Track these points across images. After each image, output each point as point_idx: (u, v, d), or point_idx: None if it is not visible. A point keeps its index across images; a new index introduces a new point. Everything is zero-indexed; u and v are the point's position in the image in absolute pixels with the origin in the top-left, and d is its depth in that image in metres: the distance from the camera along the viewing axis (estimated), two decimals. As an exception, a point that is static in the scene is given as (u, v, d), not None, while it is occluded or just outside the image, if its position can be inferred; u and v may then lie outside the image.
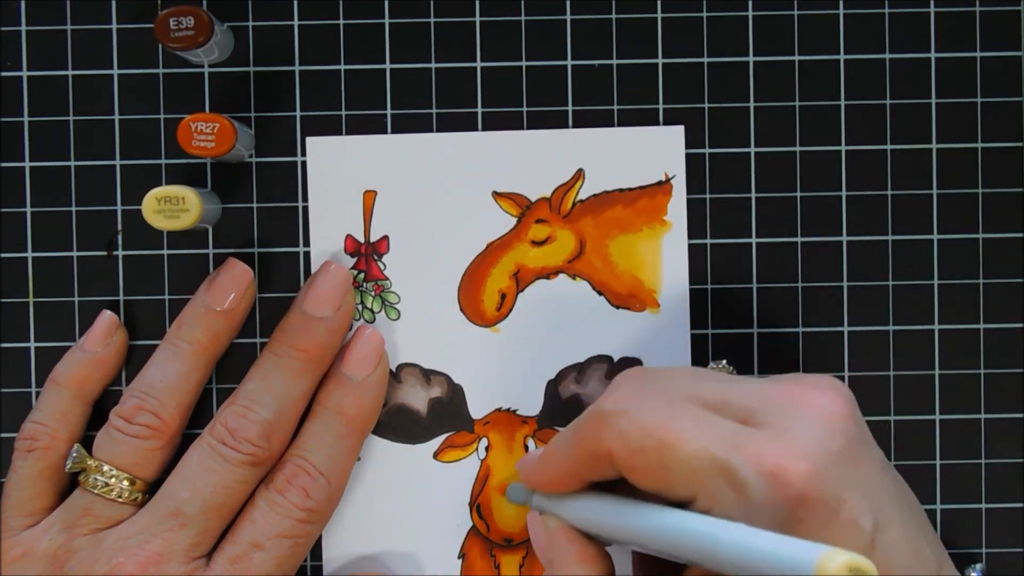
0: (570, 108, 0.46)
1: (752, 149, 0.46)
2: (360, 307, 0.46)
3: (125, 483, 0.42)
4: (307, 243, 0.46)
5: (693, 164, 0.46)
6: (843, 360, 0.46)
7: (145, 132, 0.46)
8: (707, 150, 0.46)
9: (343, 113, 0.46)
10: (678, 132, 0.46)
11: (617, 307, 0.46)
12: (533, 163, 0.46)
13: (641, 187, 0.46)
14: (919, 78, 0.46)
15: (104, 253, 0.46)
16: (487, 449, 0.46)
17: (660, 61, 0.46)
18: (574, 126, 0.46)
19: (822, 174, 0.46)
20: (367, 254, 0.46)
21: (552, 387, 0.46)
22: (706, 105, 0.46)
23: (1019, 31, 0.46)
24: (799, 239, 0.46)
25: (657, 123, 0.46)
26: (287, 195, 0.46)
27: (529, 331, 0.46)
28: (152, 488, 0.43)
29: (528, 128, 0.46)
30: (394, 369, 0.46)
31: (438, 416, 0.46)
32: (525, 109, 0.46)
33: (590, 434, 0.37)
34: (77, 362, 0.44)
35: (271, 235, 0.46)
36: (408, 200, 0.46)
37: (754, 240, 0.46)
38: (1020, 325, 0.46)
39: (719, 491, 0.34)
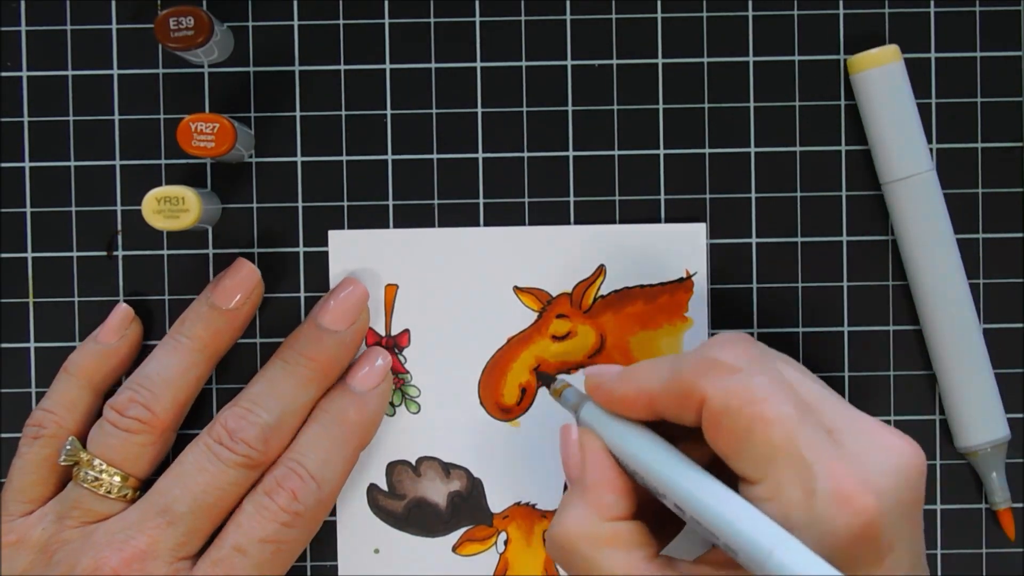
0: (570, 108, 0.46)
1: (752, 149, 0.46)
2: None
3: (116, 479, 0.42)
4: (307, 244, 0.46)
5: (692, 163, 0.46)
6: (843, 360, 0.46)
7: (145, 132, 0.46)
8: (707, 150, 0.46)
9: (343, 113, 0.46)
10: (699, 230, 0.46)
11: None
12: (554, 259, 0.46)
13: (662, 284, 0.46)
14: (920, 78, 0.46)
15: (104, 253, 0.46)
16: (506, 543, 0.46)
17: (660, 61, 0.46)
18: (574, 131, 0.46)
19: (822, 174, 0.46)
20: (388, 347, 0.46)
21: None
22: (706, 105, 0.46)
23: (1019, 31, 0.46)
24: (799, 239, 0.46)
25: (656, 123, 0.46)
26: (287, 195, 0.46)
27: (549, 425, 0.46)
28: (146, 485, 0.43)
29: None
30: (414, 462, 0.46)
31: (457, 510, 0.46)
32: (525, 109, 0.46)
33: (693, 373, 0.36)
34: (89, 353, 0.44)
35: (271, 235, 0.46)
36: (429, 294, 0.46)
37: (754, 240, 0.46)
38: (1020, 325, 0.46)
39: (788, 487, 0.34)
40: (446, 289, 0.46)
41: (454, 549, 0.46)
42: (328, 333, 0.43)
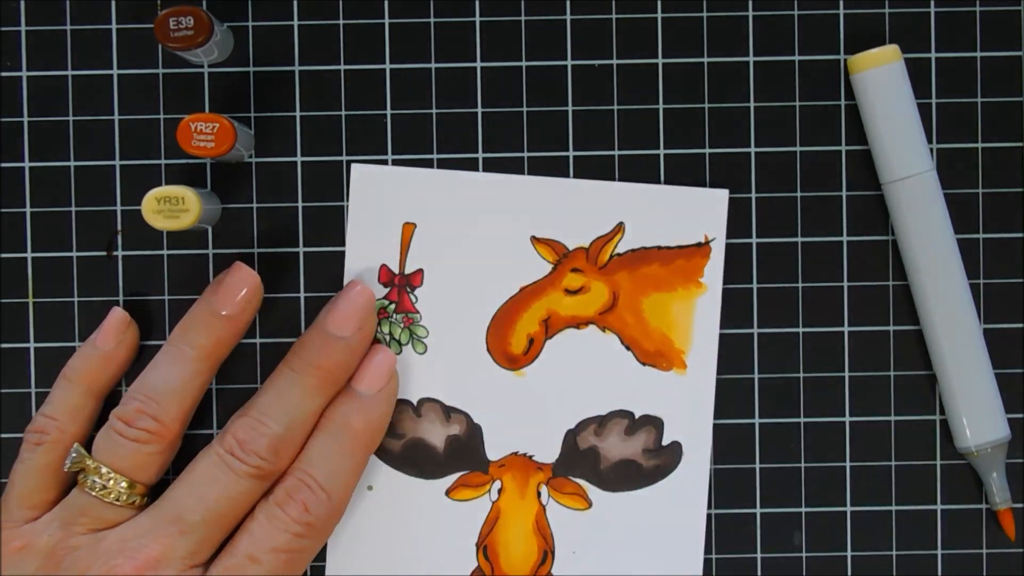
0: (570, 108, 0.46)
1: (752, 149, 0.46)
2: (388, 337, 0.46)
3: (124, 485, 0.42)
4: (307, 244, 0.46)
5: (692, 162, 0.46)
6: (843, 360, 0.46)
7: (145, 132, 0.46)
8: (707, 150, 0.46)
9: (343, 113, 0.46)
10: (722, 196, 0.45)
11: (644, 364, 0.46)
12: (575, 212, 0.46)
13: (680, 247, 0.46)
14: (920, 78, 0.46)
15: (104, 253, 0.46)
16: (500, 492, 0.46)
17: (660, 61, 0.46)
18: (574, 131, 0.46)
19: (822, 174, 0.46)
20: (400, 285, 0.46)
21: (571, 436, 0.46)
22: (706, 105, 0.46)
23: (1019, 31, 0.46)
24: (799, 239, 0.46)
25: (657, 122, 0.46)
26: (287, 195, 0.46)
27: (553, 378, 0.46)
28: (152, 491, 0.43)
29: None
30: (415, 403, 0.46)
31: (454, 454, 0.46)
32: (525, 109, 0.46)
33: None
34: (88, 358, 0.44)
35: (271, 235, 0.46)
36: (446, 236, 0.46)
37: (754, 240, 0.46)
38: (1020, 325, 0.46)
39: None
40: (464, 233, 0.46)
41: (447, 493, 0.46)
42: (335, 339, 0.43)
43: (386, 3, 0.46)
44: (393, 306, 0.46)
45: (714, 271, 0.45)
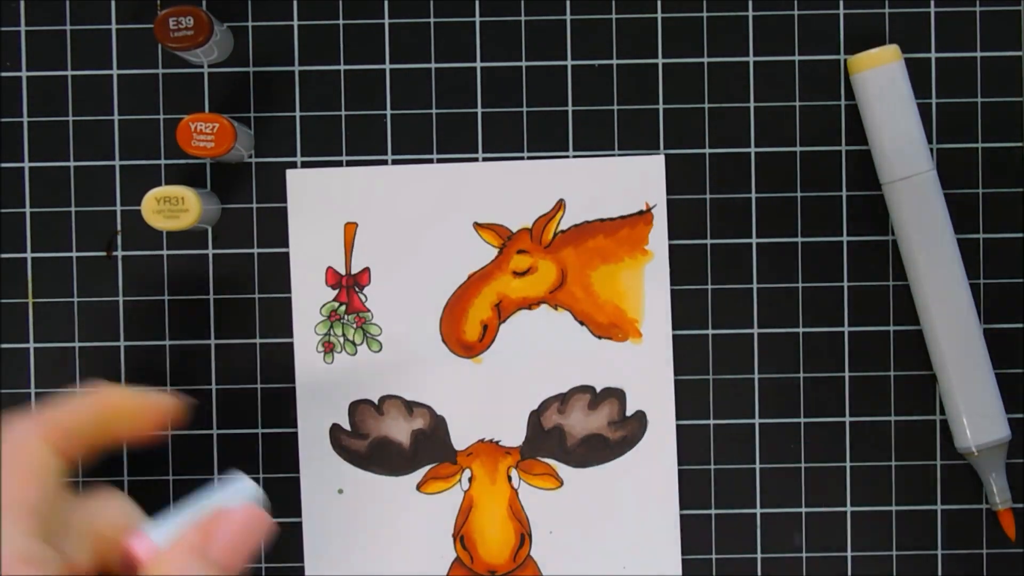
0: (570, 108, 0.46)
1: (752, 149, 0.46)
2: (342, 339, 0.46)
3: None
4: (307, 243, 0.46)
5: (692, 163, 0.46)
6: (843, 360, 0.46)
7: (145, 132, 0.46)
8: (707, 150, 0.46)
9: (343, 113, 0.46)
10: (658, 162, 0.46)
11: (599, 337, 0.46)
12: (514, 194, 0.46)
13: (622, 217, 0.46)
14: (920, 78, 0.46)
15: (104, 253, 0.46)
16: (470, 480, 0.46)
17: (660, 61, 0.46)
18: (574, 131, 0.46)
19: (822, 174, 0.46)
20: (348, 286, 0.46)
21: (535, 417, 0.46)
22: (706, 105, 0.46)
23: (1019, 31, 0.46)
24: (799, 239, 0.46)
25: (657, 122, 0.46)
26: (286, 195, 0.46)
27: (511, 362, 0.46)
28: None
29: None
30: (376, 401, 0.46)
31: (421, 448, 0.46)
32: (525, 109, 0.46)
33: None
34: None
35: (271, 235, 0.46)
36: (389, 232, 0.46)
37: (754, 240, 0.46)
38: (1020, 325, 0.46)
39: None
40: (406, 226, 0.46)
41: (418, 487, 0.46)
42: None
43: (386, 3, 0.46)
44: (343, 307, 0.46)
45: (659, 237, 0.46)
